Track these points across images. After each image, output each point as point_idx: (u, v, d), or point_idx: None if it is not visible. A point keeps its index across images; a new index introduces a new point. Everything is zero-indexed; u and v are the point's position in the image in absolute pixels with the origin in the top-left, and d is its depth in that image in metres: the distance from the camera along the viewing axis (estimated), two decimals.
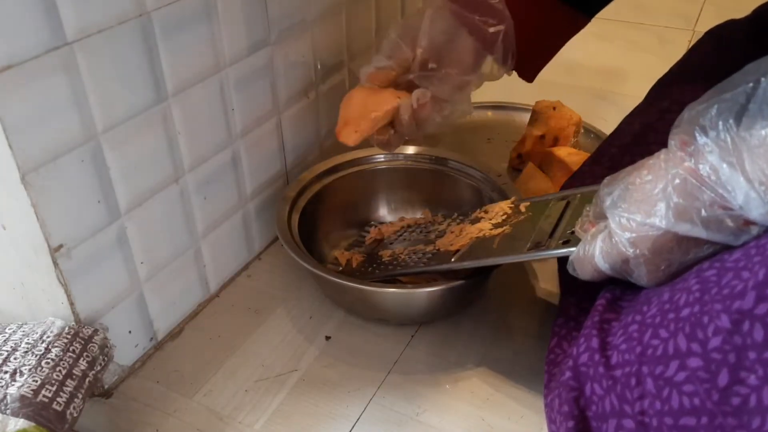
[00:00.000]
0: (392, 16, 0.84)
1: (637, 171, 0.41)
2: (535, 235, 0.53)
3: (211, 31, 0.55)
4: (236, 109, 0.61)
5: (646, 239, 0.39)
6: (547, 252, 0.50)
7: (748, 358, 0.32)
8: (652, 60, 1.12)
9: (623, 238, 0.40)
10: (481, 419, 0.53)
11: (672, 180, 0.38)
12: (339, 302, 0.64)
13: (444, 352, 0.59)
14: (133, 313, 0.56)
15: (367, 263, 0.65)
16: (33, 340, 0.48)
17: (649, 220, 0.39)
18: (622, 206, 0.41)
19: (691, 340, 0.35)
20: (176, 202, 0.57)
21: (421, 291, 0.58)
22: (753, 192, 0.35)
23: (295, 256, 0.59)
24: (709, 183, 0.36)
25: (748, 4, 0.60)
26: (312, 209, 0.68)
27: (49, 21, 0.42)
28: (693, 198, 0.37)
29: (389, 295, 0.58)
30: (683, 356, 0.35)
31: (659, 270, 0.40)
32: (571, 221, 0.52)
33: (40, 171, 0.45)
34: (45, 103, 0.44)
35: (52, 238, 0.47)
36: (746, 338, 0.32)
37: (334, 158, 0.72)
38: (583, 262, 0.44)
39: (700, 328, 0.35)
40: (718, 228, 0.37)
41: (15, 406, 0.44)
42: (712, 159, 0.36)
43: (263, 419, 0.53)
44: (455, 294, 0.59)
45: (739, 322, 0.32)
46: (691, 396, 0.34)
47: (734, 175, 0.35)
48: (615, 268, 0.42)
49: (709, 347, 0.34)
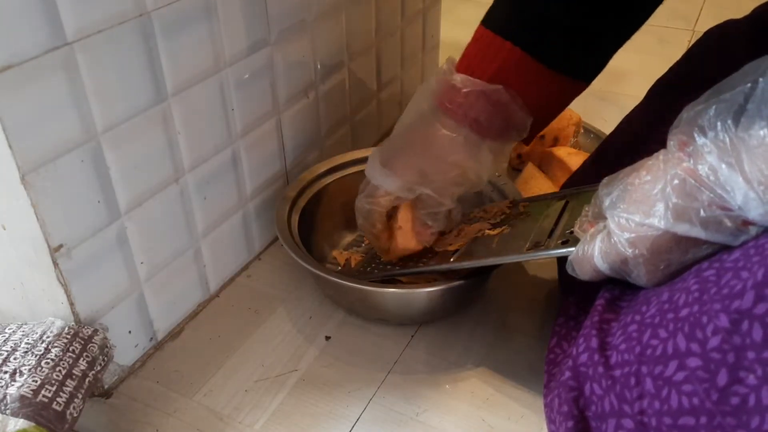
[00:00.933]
0: (392, 15, 0.84)
1: (636, 171, 0.41)
2: (534, 235, 0.53)
3: (211, 31, 0.55)
4: (236, 109, 0.61)
5: (645, 239, 0.39)
6: (546, 252, 0.50)
7: (747, 358, 0.32)
8: (652, 60, 1.12)
9: (622, 239, 0.40)
10: (481, 419, 0.53)
11: (671, 180, 0.38)
12: (339, 302, 0.64)
13: (444, 352, 0.59)
14: (133, 313, 0.56)
15: (366, 263, 0.65)
16: (33, 340, 0.48)
17: (648, 221, 0.39)
18: (621, 206, 0.41)
19: (690, 340, 0.35)
20: (176, 202, 0.57)
21: (420, 291, 0.58)
22: (752, 192, 0.35)
23: (294, 255, 0.59)
24: (707, 183, 0.36)
25: (748, 4, 0.60)
26: (312, 209, 0.68)
27: (49, 21, 0.42)
28: (692, 198, 0.37)
29: (389, 295, 0.58)
30: (682, 356, 0.35)
31: (658, 270, 0.40)
32: (569, 221, 0.52)
33: (40, 171, 0.45)
34: (45, 103, 0.44)
35: (52, 238, 0.47)
36: (745, 338, 0.32)
37: (334, 158, 0.72)
38: (582, 262, 0.44)
39: (699, 327, 0.35)
40: (716, 228, 0.37)
41: (15, 406, 0.44)
42: (711, 159, 0.36)
43: (263, 419, 0.53)
44: (455, 294, 0.59)
45: (738, 321, 0.32)
46: (690, 396, 0.34)
47: (733, 176, 0.35)
48: (614, 268, 0.42)
49: (708, 347, 0.34)
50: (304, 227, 0.65)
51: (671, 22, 1.28)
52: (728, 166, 0.35)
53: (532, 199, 0.60)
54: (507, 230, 0.57)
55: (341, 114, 0.79)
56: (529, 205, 0.59)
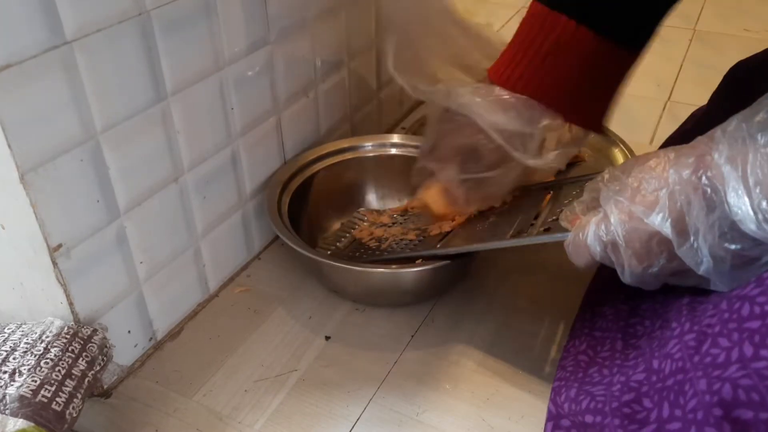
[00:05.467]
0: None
1: (642, 166, 0.41)
2: (518, 223, 0.54)
3: (210, 30, 0.55)
4: (236, 108, 0.61)
5: (641, 233, 0.40)
6: (529, 239, 0.51)
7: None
8: (652, 59, 1.12)
9: (618, 227, 0.40)
10: (481, 419, 0.53)
11: (679, 185, 0.38)
12: (325, 283, 0.65)
13: (444, 352, 0.59)
14: (133, 313, 0.56)
15: (353, 248, 0.67)
16: (32, 340, 0.48)
17: (650, 218, 0.39)
18: (624, 195, 0.41)
19: (674, 407, 0.36)
20: (176, 201, 0.57)
21: (407, 271, 0.59)
22: (746, 197, 0.34)
23: (287, 239, 0.60)
24: (712, 200, 0.36)
25: (748, 4, 0.60)
26: (303, 194, 0.69)
27: (48, 20, 0.42)
28: (694, 209, 0.37)
29: (378, 275, 0.60)
30: (664, 422, 0.36)
31: (641, 267, 0.41)
32: (553, 209, 0.53)
33: (39, 170, 0.44)
34: (44, 103, 0.44)
35: (51, 237, 0.47)
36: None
37: (325, 145, 0.73)
38: (578, 246, 0.44)
39: (682, 395, 0.35)
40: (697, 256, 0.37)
41: (14, 406, 0.43)
42: (719, 160, 0.36)
43: (263, 419, 0.53)
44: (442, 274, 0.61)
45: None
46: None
47: (733, 175, 0.35)
48: (604, 254, 0.42)
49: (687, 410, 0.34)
50: (294, 211, 0.66)
51: (671, 22, 1.27)
52: (732, 167, 0.35)
53: (522, 188, 0.61)
54: (493, 218, 0.59)
55: (341, 113, 0.79)
56: (518, 194, 0.61)
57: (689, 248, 0.37)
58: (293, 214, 0.66)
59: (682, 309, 0.41)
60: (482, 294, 0.65)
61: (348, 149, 0.73)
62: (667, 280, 0.42)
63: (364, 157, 0.74)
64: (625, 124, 0.77)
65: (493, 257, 0.69)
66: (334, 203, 0.73)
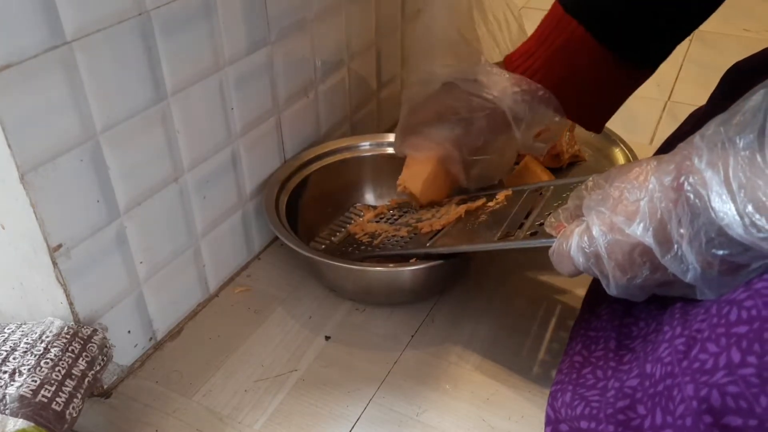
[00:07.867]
0: (392, 15, 0.84)
1: (624, 175, 0.41)
2: (506, 226, 0.55)
3: (210, 29, 0.55)
4: (236, 108, 0.61)
5: (623, 244, 0.39)
6: (515, 243, 0.51)
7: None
8: None
9: (600, 237, 0.40)
10: (481, 419, 0.53)
11: (659, 195, 0.37)
12: (322, 281, 0.66)
13: (444, 352, 0.59)
14: (133, 313, 0.56)
15: (347, 244, 0.67)
16: (32, 339, 0.48)
17: (630, 229, 0.39)
18: (605, 205, 0.40)
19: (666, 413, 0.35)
20: (176, 201, 0.57)
21: (403, 270, 0.59)
22: (730, 203, 0.34)
23: (284, 238, 0.60)
24: (695, 206, 0.35)
25: (748, 4, 0.60)
26: (301, 193, 0.70)
27: (48, 20, 0.42)
28: (675, 220, 0.37)
29: (374, 274, 0.60)
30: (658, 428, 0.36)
31: (625, 278, 0.40)
32: (541, 213, 0.53)
33: (39, 170, 0.44)
34: (44, 103, 0.44)
35: (51, 237, 0.47)
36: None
37: (323, 145, 0.73)
38: (561, 255, 0.44)
39: (671, 401, 0.35)
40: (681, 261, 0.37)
41: (14, 406, 0.43)
42: (699, 165, 0.35)
43: (263, 419, 0.53)
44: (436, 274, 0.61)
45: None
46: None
47: (716, 179, 0.35)
48: (587, 265, 0.42)
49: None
50: (292, 210, 0.67)
51: None
52: (714, 172, 0.34)
53: (514, 189, 0.61)
54: (483, 219, 0.59)
55: (341, 113, 0.79)
56: (509, 195, 0.61)
57: (673, 257, 0.37)
58: (291, 213, 0.66)
59: (674, 312, 0.40)
60: (482, 294, 0.65)
61: (346, 149, 0.74)
62: (654, 291, 0.41)
63: (362, 156, 0.74)
64: (625, 124, 0.78)
65: (493, 256, 0.69)
66: (331, 201, 0.73)
